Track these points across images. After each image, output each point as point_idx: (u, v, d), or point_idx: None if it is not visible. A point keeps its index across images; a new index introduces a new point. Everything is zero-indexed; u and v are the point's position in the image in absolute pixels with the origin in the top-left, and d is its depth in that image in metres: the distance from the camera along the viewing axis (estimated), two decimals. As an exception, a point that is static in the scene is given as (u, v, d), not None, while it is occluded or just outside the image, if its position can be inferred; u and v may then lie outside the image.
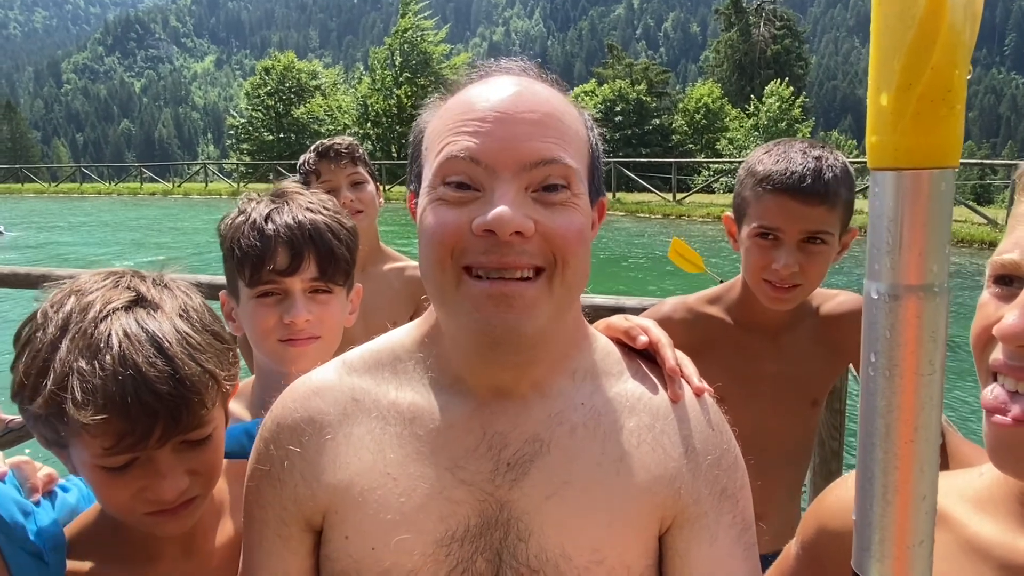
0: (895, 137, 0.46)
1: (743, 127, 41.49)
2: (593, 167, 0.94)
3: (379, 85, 46.10)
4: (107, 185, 47.19)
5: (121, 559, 1.07)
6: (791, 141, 1.61)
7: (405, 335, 1.01)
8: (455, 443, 0.92)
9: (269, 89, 48.96)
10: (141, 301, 1.00)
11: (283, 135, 48.16)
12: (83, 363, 0.91)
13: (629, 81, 47.63)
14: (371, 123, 45.14)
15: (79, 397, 0.90)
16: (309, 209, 1.39)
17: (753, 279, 1.62)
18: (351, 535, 0.91)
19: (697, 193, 28.00)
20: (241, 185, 39.96)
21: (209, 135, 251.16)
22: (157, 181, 47.21)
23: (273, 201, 1.40)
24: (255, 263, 1.34)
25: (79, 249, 19.97)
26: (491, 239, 0.82)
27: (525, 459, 0.91)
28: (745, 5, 55.49)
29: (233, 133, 51.98)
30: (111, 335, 0.93)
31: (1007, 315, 0.71)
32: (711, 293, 1.79)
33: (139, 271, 1.07)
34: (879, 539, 0.51)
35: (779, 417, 1.72)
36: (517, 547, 0.89)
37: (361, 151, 2.45)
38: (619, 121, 44.46)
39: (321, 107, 48.38)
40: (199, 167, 48.95)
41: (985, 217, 17.93)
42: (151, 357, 0.93)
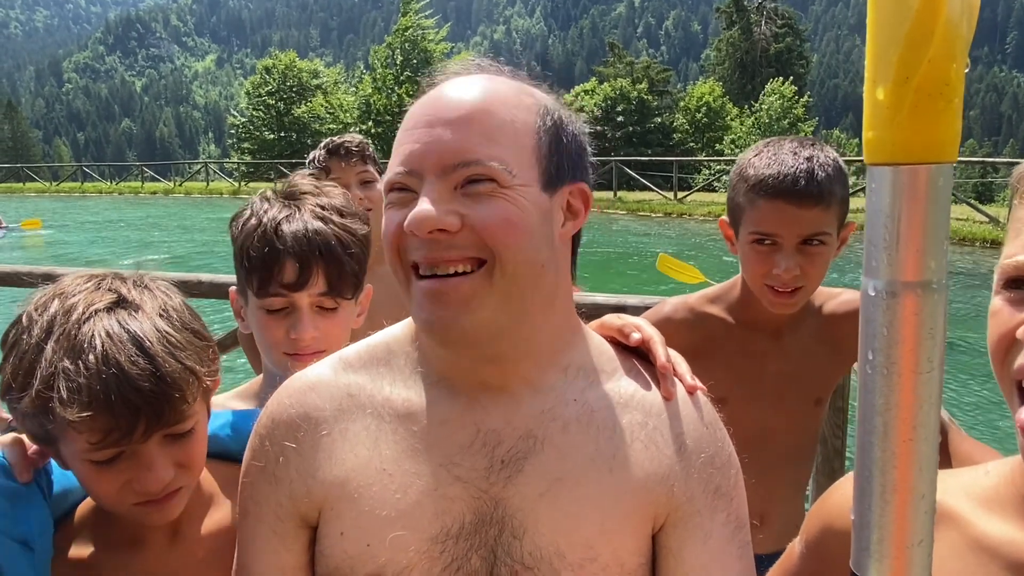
0: (892, 132, 0.45)
1: (744, 126, 41.44)
2: (546, 153, 0.90)
3: (380, 84, 46.07)
4: (108, 184, 47.23)
5: (109, 545, 1.11)
6: (780, 141, 1.59)
7: (399, 331, 1.02)
8: (449, 439, 0.92)
9: (270, 88, 48.88)
10: (122, 302, 1.03)
11: (284, 134, 48.11)
12: (68, 363, 0.95)
13: (630, 80, 47.53)
14: (372, 122, 45.12)
15: (65, 396, 0.94)
16: (321, 218, 1.36)
17: (755, 285, 1.61)
18: (346, 531, 0.91)
19: (698, 192, 27.99)
20: (242, 184, 39.98)
21: (210, 134, 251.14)
22: (158, 180, 47.24)
23: (285, 205, 1.37)
24: (263, 276, 1.33)
25: (90, 250, 19.97)
26: (418, 238, 0.85)
27: (519, 456, 0.91)
28: (746, 3, 55.41)
29: (234, 132, 51.93)
30: (94, 336, 0.97)
31: None
32: (712, 292, 1.79)
33: (120, 272, 1.11)
34: (878, 539, 0.50)
35: (782, 416, 1.70)
36: (511, 544, 0.89)
37: (371, 150, 2.46)
38: (620, 120, 44.39)
39: (323, 106, 48.36)
40: (200, 166, 49.05)
41: (987, 215, 17.91)
42: (133, 356, 0.97)
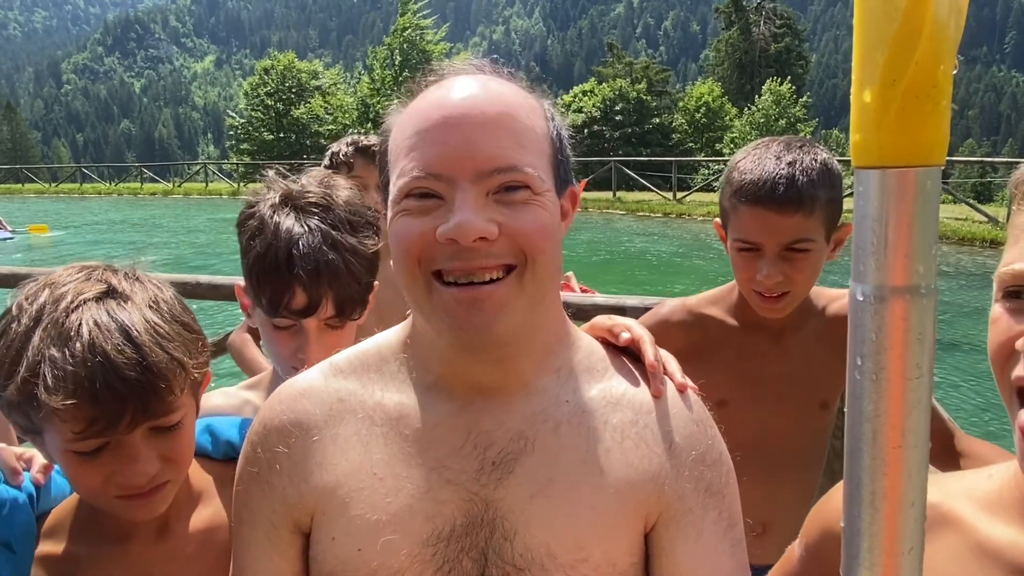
0: (879, 135, 0.45)
1: (740, 125, 41.45)
2: (557, 158, 0.93)
3: (379, 85, 46.07)
4: (107, 185, 47.22)
5: (94, 540, 1.10)
6: (769, 143, 1.56)
7: (391, 336, 1.02)
8: (441, 443, 0.92)
9: (269, 89, 48.86)
10: (112, 292, 1.03)
11: (283, 135, 48.11)
12: (54, 351, 0.95)
13: (629, 80, 47.55)
14: (371, 122, 45.11)
15: (50, 383, 0.93)
16: (332, 242, 1.32)
17: (744, 288, 1.61)
18: (338, 536, 0.91)
19: (697, 192, 28.01)
20: (241, 185, 39.95)
21: (209, 135, 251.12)
22: (157, 181, 47.27)
23: (296, 220, 1.33)
24: (273, 300, 1.32)
25: (93, 251, 19.95)
26: (456, 246, 0.83)
27: (510, 457, 0.91)
28: (745, 3, 55.43)
29: (233, 133, 51.92)
30: (82, 324, 0.97)
31: None
32: (713, 294, 1.77)
33: (111, 264, 1.10)
34: (867, 547, 0.50)
35: (786, 420, 1.68)
36: (503, 546, 0.89)
37: None
38: (619, 120, 44.39)
39: (322, 107, 48.34)
40: (199, 167, 49.03)
41: (986, 215, 17.92)
42: (120, 345, 0.96)
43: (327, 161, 2.48)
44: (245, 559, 0.98)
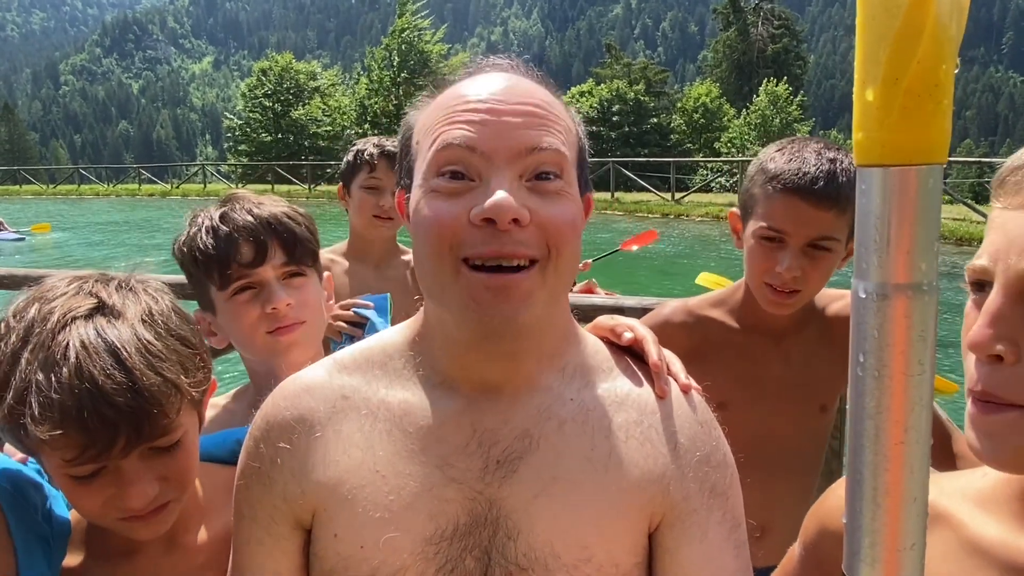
0: (881, 133, 0.45)
1: (738, 125, 41.49)
2: (581, 160, 0.96)
3: (377, 86, 46.04)
4: (105, 186, 47.08)
5: (103, 554, 1.08)
6: (806, 140, 1.57)
7: (396, 334, 1.02)
8: (445, 440, 0.92)
9: (267, 90, 48.81)
10: (102, 308, 0.99)
11: (281, 136, 48.05)
12: (40, 376, 0.91)
13: (627, 81, 47.60)
14: (369, 124, 45.08)
15: (37, 413, 0.90)
16: (261, 204, 1.40)
17: (754, 281, 1.59)
18: (340, 533, 0.90)
19: (695, 192, 28.03)
20: (240, 186, 39.85)
21: (207, 136, 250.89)
22: (155, 182, 47.07)
23: (222, 204, 1.41)
24: (221, 263, 1.33)
25: (94, 251, 19.90)
26: (489, 229, 0.83)
27: (514, 456, 0.91)
28: (743, 4, 55.49)
29: (231, 135, 51.85)
30: (68, 346, 0.93)
31: (975, 325, 0.71)
32: (715, 296, 1.76)
33: (107, 273, 1.07)
34: (869, 543, 0.50)
35: (786, 422, 1.67)
36: (506, 545, 0.89)
37: None
38: (617, 121, 44.44)
39: (320, 108, 48.30)
40: (197, 168, 48.88)
41: (983, 215, 17.91)
42: (108, 368, 0.92)
43: (350, 157, 2.51)
44: (244, 555, 0.97)
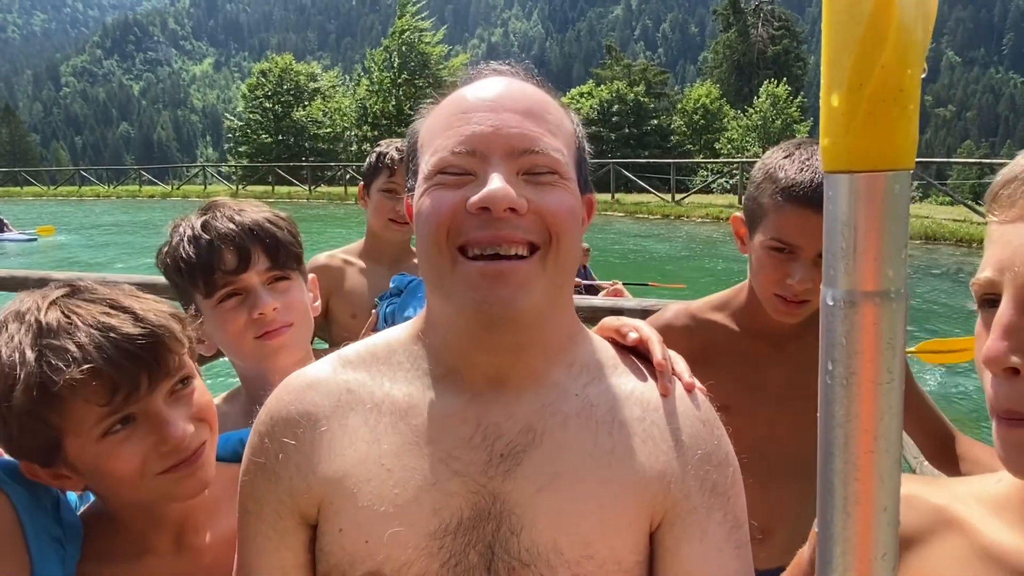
0: (847, 139, 0.45)
1: (738, 126, 41.53)
2: (580, 161, 0.98)
3: (377, 87, 46.08)
4: (106, 188, 47.13)
5: (113, 555, 1.08)
6: (812, 146, 1.50)
7: (401, 330, 1.02)
8: (450, 434, 0.92)
9: (267, 92, 48.86)
10: (76, 291, 1.04)
11: (282, 137, 48.11)
12: (51, 340, 0.96)
13: (627, 82, 47.64)
14: (369, 125, 45.13)
15: (61, 365, 0.94)
16: (242, 211, 1.40)
17: (764, 292, 1.55)
18: (345, 528, 0.90)
19: (696, 193, 28.05)
20: (240, 187, 39.97)
21: (208, 137, 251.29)
22: (156, 183, 47.18)
23: (203, 213, 1.40)
24: (206, 271, 1.33)
25: (97, 252, 19.91)
26: (485, 216, 0.85)
27: (518, 450, 0.91)
28: (743, 6, 55.56)
29: (231, 136, 51.91)
30: (63, 313, 0.98)
31: (988, 339, 0.70)
32: (716, 299, 1.75)
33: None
34: (840, 552, 0.50)
35: (787, 426, 1.65)
36: (509, 540, 0.89)
37: None
38: (617, 122, 44.49)
39: (320, 109, 48.35)
40: (198, 169, 48.93)
41: (983, 216, 17.92)
42: (111, 311, 1.00)
43: (372, 159, 2.51)
44: (250, 550, 0.96)
